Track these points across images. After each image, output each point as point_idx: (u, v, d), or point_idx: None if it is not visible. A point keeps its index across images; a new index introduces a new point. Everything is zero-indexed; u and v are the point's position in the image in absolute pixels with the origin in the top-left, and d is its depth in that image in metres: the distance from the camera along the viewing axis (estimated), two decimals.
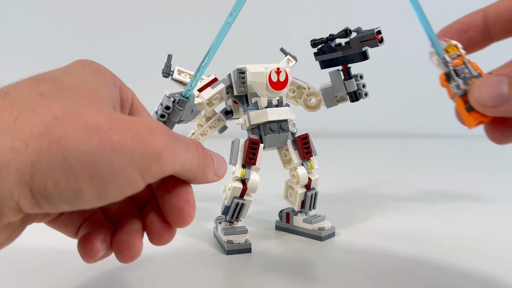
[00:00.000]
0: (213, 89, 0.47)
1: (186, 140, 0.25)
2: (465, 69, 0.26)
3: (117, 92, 0.27)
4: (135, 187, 0.22)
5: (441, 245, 0.47)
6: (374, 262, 0.42)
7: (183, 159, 0.24)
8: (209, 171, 0.27)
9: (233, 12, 0.30)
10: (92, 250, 0.26)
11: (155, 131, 0.22)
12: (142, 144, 0.22)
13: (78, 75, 0.25)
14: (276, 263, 0.43)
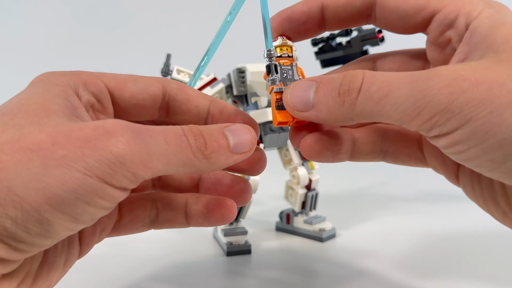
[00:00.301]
0: (212, 88, 0.47)
1: (167, 132, 0.22)
2: (289, 70, 0.28)
3: (85, 95, 0.26)
4: (109, 197, 0.20)
5: (442, 246, 0.47)
6: (374, 263, 0.42)
7: (163, 154, 0.22)
8: (218, 154, 0.24)
9: (233, 11, 0.30)
10: (231, 208, 0.28)
11: (111, 133, 0.20)
12: (94, 150, 0.19)
13: (26, 93, 0.23)
14: (276, 264, 0.43)
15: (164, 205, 0.29)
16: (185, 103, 0.28)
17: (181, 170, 0.23)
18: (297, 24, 0.28)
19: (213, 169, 0.24)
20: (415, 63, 0.29)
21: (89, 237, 0.27)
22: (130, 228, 0.29)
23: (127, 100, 0.27)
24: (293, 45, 0.28)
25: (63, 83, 0.25)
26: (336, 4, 0.28)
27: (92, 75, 0.27)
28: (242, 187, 0.30)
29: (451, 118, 0.20)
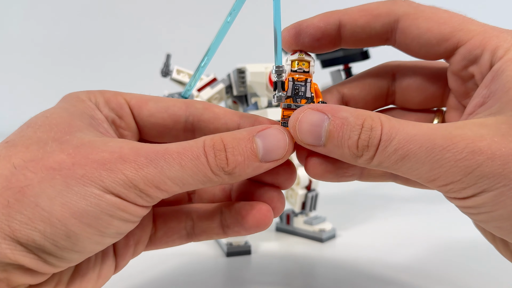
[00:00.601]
0: (212, 89, 0.47)
1: (183, 154, 0.23)
2: (302, 87, 0.26)
3: (105, 111, 0.27)
4: (131, 211, 0.22)
5: (442, 247, 0.46)
6: (375, 264, 0.42)
7: (178, 177, 0.22)
8: (244, 167, 0.23)
9: (233, 12, 0.30)
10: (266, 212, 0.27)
11: (125, 159, 0.22)
12: (110, 172, 0.21)
13: (53, 107, 0.25)
14: (276, 265, 0.42)
15: (199, 215, 0.29)
16: (213, 122, 0.27)
17: (202, 186, 0.24)
18: (311, 39, 0.27)
19: (241, 179, 0.25)
20: (435, 84, 0.28)
21: (123, 250, 0.27)
22: (166, 241, 0.29)
23: (145, 119, 0.28)
24: (312, 60, 0.27)
25: (87, 99, 0.26)
26: (355, 23, 0.26)
27: (115, 93, 0.28)
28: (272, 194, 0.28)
29: (466, 188, 0.21)
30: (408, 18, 0.25)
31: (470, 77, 0.25)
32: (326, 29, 0.26)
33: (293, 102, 0.26)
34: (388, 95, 0.29)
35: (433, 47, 0.25)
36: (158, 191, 0.22)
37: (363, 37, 0.26)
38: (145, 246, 0.29)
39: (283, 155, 0.24)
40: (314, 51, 0.27)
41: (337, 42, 0.27)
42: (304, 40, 0.27)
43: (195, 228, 0.29)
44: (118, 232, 0.23)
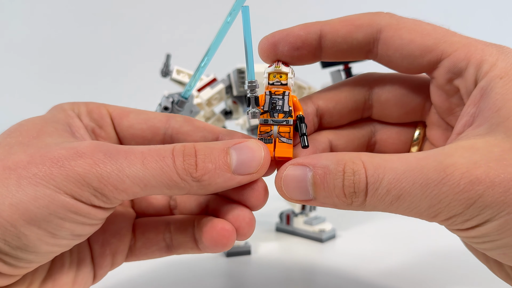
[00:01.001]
0: (212, 89, 0.47)
1: (148, 153, 0.22)
2: (280, 100, 0.25)
3: (86, 120, 0.27)
4: (85, 214, 0.21)
5: (442, 246, 0.46)
6: (375, 265, 0.42)
7: (139, 177, 0.21)
8: (214, 175, 0.22)
9: (233, 12, 0.30)
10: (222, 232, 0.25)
11: (81, 154, 0.21)
12: (62, 169, 0.20)
13: (34, 117, 0.25)
14: (276, 265, 0.42)
15: (176, 228, 0.28)
16: (191, 134, 0.27)
17: (167, 192, 0.22)
18: (291, 48, 0.25)
19: (211, 191, 0.23)
20: (415, 99, 0.27)
21: (99, 259, 0.27)
22: (146, 252, 0.28)
23: (125, 129, 0.27)
24: (290, 71, 0.25)
25: (69, 109, 0.26)
26: (336, 33, 0.25)
27: (98, 105, 0.28)
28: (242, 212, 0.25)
29: (468, 220, 0.20)
30: (390, 29, 0.25)
31: (455, 91, 0.25)
32: (306, 38, 0.25)
33: (270, 117, 0.25)
34: (365, 109, 0.28)
35: (416, 59, 0.24)
36: (116, 191, 0.21)
37: (344, 48, 0.25)
38: (125, 257, 0.28)
39: (257, 169, 0.23)
40: (293, 63, 0.26)
41: (317, 53, 0.26)
42: (283, 49, 0.25)
43: (173, 240, 0.28)
44: (74, 234, 0.22)
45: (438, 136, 0.27)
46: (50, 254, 0.22)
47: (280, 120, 0.25)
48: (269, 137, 0.25)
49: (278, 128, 0.26)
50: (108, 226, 0.28)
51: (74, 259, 0.26)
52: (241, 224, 0.25)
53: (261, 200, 0.25)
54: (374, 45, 0.25)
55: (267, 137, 0.25)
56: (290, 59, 0.26)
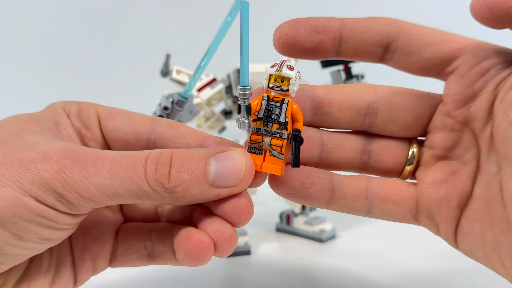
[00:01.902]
0: (212, 89, 0.47)
1: (118, 160, 0.21)
2: (277, 108, 0.22)
3: (74, 120, 0.26)
4: (51, 218, 0.20)
5: (442, 246, 0.46)
6: (375, 265, 0.42)
7: (105, 185, 0.20)
8: (188, 187, 0.21)
9: (233, 12, 0.30)
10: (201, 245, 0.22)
11: (48, 158, 0.20)
12: (28, 172, 0.20)
13: (20, 114, 0.24)
14: (276, 265, 0.42)
15: (157, 236, 0.27)
16: (174, 140, 0.25)
17: (139, 201, 0.21)
18: (312, 31, 0.24)
19: (186, 202, 0.22)
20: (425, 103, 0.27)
21: (79, 263, 0.26)
22: (127, 259, 0.27)
23: (109, 132, 0.26)
24: (294, 77, 0.22)
25: (60, 107, 0.26)
26: (357, 23, 0.25)
27: (89, 104, 0.27)
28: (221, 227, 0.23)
29: None
30: (409, 24, 0.25)
31: (481, 74, 0.24)
32: (328, 23, 0.24)
33: (264, 125, 0.23)
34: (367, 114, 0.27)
35: (438, 47, 0.25)
36: (81, 198, 0.20)
37: (364, 38, 0.25)
38: (107, 262, 0.27)
39: (237, 182, 0.22)
40: (310, 53, 0.25)
41: (336, 42, 0.25)
42: (304, 31, 0.24)
43: (154, 249, 0.27)
44: (42, 238, 0.21)
45: (441, 140, 0.26)
46: (19, 257, 0.22)
47: (273, 131, 0.23)
48: (260, 147, 0.23)
49: (270, 139, 0.23)
50: (90, 230, 0.27)
51: (53, 260, 0.25)
52: (219, 239, 0.23)
53: (243, 217, 0.23)
54: (394, 39, 0.25)
55: (258, 148, 0.23)
56: (309, 45, 0.24)
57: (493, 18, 0.22)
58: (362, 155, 0.27)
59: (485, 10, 0.22)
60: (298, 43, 0.24)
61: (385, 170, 0.28)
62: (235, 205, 0.23)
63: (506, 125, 0.23)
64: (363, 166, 0.28)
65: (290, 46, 0.24)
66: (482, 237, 0.24)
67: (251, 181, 0.23)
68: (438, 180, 0.26)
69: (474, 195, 0.25)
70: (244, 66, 0.22)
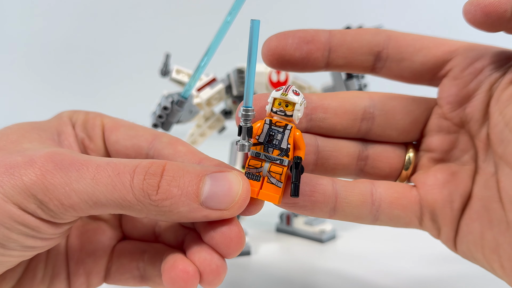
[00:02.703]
0: (212, 89, 0.47)
1: (103, 167, 0.20)
2: (279, 134, 0.21)
3: (78, 130, 0.26)
4: (33, 227, 0.20)
5: (444, 247, 0.46)
6: (375, 265, 0.42)
7: (87, 193, 0.19)
8: (177, 202, 0.20)
9: (233, 11, 0.30)
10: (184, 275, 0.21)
11: (32, 163, 0.19)
12: (11, 178, 0.19)
13: (24, 122, 0.24)
14: (276, 266, 0.42)
15: (149, 258, 0.26)
16: (171, 158, 0.25)
17: (120, 211, 0.20)
18: (301, 41, 0.24)
19: (173, 219, 0.21)
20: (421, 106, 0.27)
21: (73, 277, 0.26)
22: (120, 278, 0.26)
23: (111, 144, 0.26)
24: (299, 102, 0.21)
25: (66, 117, 0.26)
26: (346, 33, 0.25)
27: (96, 115, 0.27)
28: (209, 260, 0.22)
29: None
30: (398, 33, 0.25)
31: (475, 75, 0.24)
32: (317, 33, 0.24)
33: (264, 151, 0.22)
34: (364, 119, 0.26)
35: (430, 51, 0.24)
36: (62, 206, 0.19)
37: (354, 47, 0.25)
38: (102, 279, 0.26)
39: (229, 206, 0.21)
40: (300, 64, 0.24)
41: (326, 53, 0.25)
42: (292, 42, 0.24)
43: (145, 271, 0.26)
44: (25, 246, 0.20)
45: (438, 142, 0.26)
46: (6, 263, 0.21)
47: (273, 157, 0.22)
48: (258, 173, 0.22)
49: (269, 166, 0.22)
50: (85, 245, 0.26)
51: (48, 272, 0.25)
52: (205, 270, 0.21)
53: (232, 248, 0.21)
54: (384, 47, 0.25)
55: (255, 173, 0.22)
56: (299, 56, 0.24)
57: (488, 22, 0.21)
58: (358, 161, 0.27)
59: (480, 14, 0.21)
60: (287, 54, 0.24)
61: (382, 176, 0.27)
62: (224, 235, 0.21)
63: (502, 126, 0.22)
64: (359, 172, 0.27)
65: (279, 58, 0.24)
66: (481, 238, 0.24)
67: (247, 209, 0.22)
68: (440, 181, 0.26)
69: (473, 195, 0.25)
70: (249, 86, 0.21)
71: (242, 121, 0.22)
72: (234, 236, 0.21)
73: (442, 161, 0.26)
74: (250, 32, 0.20)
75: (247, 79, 0.21)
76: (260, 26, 0.20)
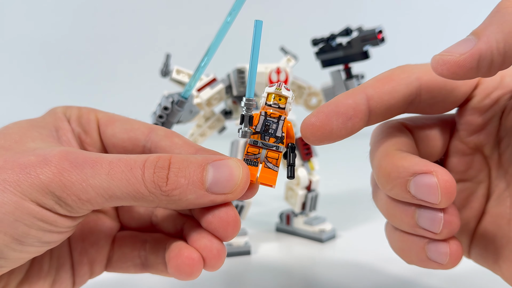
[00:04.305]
0: (212, 89, 0.47)
1: (116, 163, 0.21)
2: (274, 124, 0.24)
3: (74, 125, 0.27)
4: (51, 221, 0.21)
5: None
6: (375, 265, 0.42)
7: (103, 187, 0.21)
8: (185, 191, 0.21)
9: (233, 12, 0.30)
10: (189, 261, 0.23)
11: (47, 161, 0.21)
12: (28, 177, 0.20)
13: (21, 120, 0.25)
14: (276, 265, 0.42)
15: (151, 247, 0.27)
16: (168, 150, 0.26)
17: (135, 203, 0.22)
18: (345, 119, 0.24)
19: (182, 206, 0.22)
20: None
21: (77, 266, 0.27)
22: (121, 266, 0.28)
23: (108, 138, 0.27)
24: (290, 96, 0.24)
25: (60, 112, 0.27)
26: (381, 91, 0.25)
27: (90, 110, 0.28)
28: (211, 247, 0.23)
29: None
30: (426, 73, 0.25)
31: (492, 104, 0.26)
32: (356, 106, 0.24)
33: (261, 139, 0.24)
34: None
35: (460, 89, 0.26)
36: (79, 201, 0.21)
37: (391, 103, 0.25)
38: (103, 267, 0.28)
39: (233, 189, 0.22)
40: (344, 135, 0.24)
41: (366, 118, 0.25)
42: (337, 122, 0.24)
43: (147, 260, 0.27)
44: (42, 241, 0.21)
45: (456, 163, 0.27)
46: (20, 260, 0.22)
47: (270, 144, 0.24)
48: (256, 159, 0.24)
49: (266, 152, 0.24)
50: (88, 236, 0.27)
51: (53, 264, 0.26)
52: (208, 256, 0.23)
53: (229, 232, 0.23)
54: (417, 94, 0.25)
55: (253, 159, 0.24)
56: (344, 133, 0.24)
57: (458, 78, 0.22)
58: None
59: (446, 73, 0.22)
60: (333, 134, 0.24)
61: None
62: (222, 220, 0.23)
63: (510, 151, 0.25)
64: None
65: (324, 138, 0.24)
66: (486, 250, 0.27)
67: (245, 193, 0.24)
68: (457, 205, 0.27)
69: (486, 210, 0.27)
70: (251, 79, 0.23)
71: (244, 110, 0.24)
72: (231, 220, 0.23)
73: (459, 181, 0.28)
74: (254, 31, 0.22)
75: (250, 74, 0.23)
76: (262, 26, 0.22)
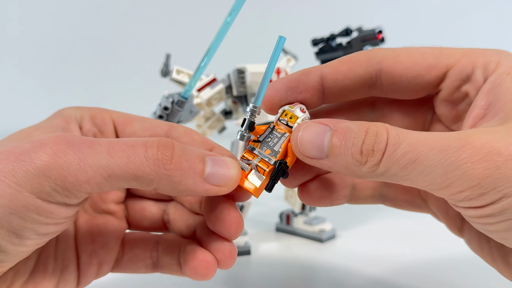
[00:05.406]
0: (212, 89, 0.47)
1: (117, 142, 0.21)
2: (276, 138, 0.25)
3: (88, 125, 0.27)
4: (47, 213, 0.20)
5: (443, 247, 0.46)
6: (374, 264, 0.42)
7: (102, 166, 0.20)
8: (186, 174, 0.22)
9: (233, 12, 0.30)
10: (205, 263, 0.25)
11: (42, 146, 0.20)
12: (22, 164, 0.19)
13: (26, 128, 0.25)
14: (276, 265, 0.42)
15: (164, 248, 0.28)
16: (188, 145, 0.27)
17: (134, 184, 0.21)
18: (294, 92, 0.25)
19: (178, 190, 0.22)
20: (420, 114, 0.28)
21: (85, 267, 0.27)
22: (132, 267, 0.28)
23: (128, 136, 0.27)
24: (301, 118, 0.25)
25: (69, 115, 0.26)
26: (337, 71, 0.25)
27: (102, 110, 0.27)
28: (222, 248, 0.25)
29: (484, 194, 0.20)
30: (390, 58, 0.25)
31: (463, 98, 0.25)
32: (307, 82, 0.25)
33: (259, 148, 0.25)
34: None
35: (423, 78, 0.25)
36: (77, 182, 0.20)
37: (347, 85, 0.26)
38: (110, 268, 0.28)
39: (227, 183, 0.23)
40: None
41: (320, 95, 0.26)
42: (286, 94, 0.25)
43: (160, 260, 0.28)
44: (39, 234, 0.21)
45: None
46: (20, 254, 0.21)
47: (264, 155, 0.24)
48: (248, 165, 0.24)
49: (259, 161, 0.24)
50: (97, 237, 0.28)
51: (58, 264, 0.26)
52: (221, 257, 0.25)
53: (234, 231, 0.25)
54: (377, 78, 0.25)
55: (246, 164, 0.24)
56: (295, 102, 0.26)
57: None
58: None
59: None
60: (281, 105, 0.26)
61: None
62: (226, 221, 0.25)
63: None
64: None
65: (274, 108, 0.26)
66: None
67: (239, 195, 0.25)
68: None
69: None
70: (261, 88, 0.24)
71: (248, 115, 0.24)
72: (234, 220, 0.25)
73: None
74: (275, 45, 0.24)
75: (262, 83, 0.24)
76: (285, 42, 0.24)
